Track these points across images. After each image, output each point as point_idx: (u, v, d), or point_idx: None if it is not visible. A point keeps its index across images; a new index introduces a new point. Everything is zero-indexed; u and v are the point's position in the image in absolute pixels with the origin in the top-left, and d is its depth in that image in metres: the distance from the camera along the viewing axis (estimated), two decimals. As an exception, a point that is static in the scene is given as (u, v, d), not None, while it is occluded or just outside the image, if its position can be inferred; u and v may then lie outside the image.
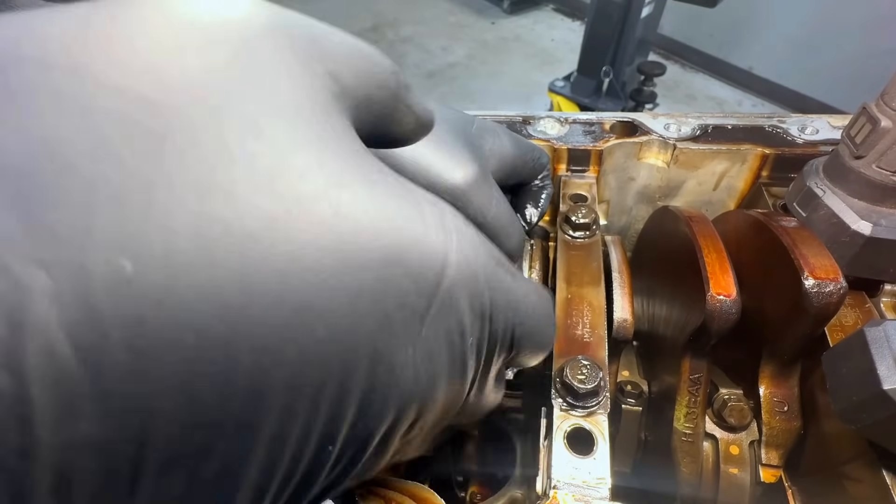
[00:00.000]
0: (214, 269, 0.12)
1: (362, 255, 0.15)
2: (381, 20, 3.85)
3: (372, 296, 0.15)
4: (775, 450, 0.39)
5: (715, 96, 3.05)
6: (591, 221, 0.48)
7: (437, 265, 0.17)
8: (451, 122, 0.37)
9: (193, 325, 0.12)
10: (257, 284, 0.13)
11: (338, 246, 0.14)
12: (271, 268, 0.13)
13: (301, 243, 0.14)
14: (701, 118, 0.56)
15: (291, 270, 0.13)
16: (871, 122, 0.36)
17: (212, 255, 0.12)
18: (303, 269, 0.14)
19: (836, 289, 0.34)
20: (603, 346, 0.39)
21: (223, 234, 0.13)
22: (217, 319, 0.12)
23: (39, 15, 0.13)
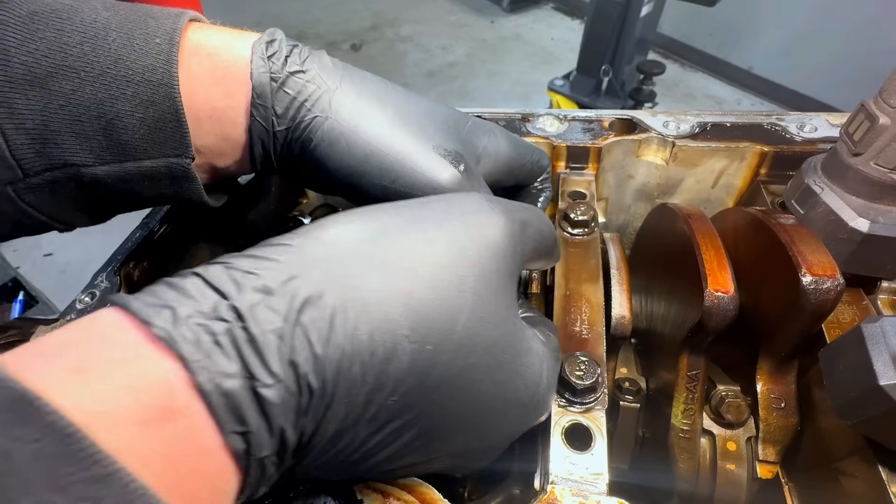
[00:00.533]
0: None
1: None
2: (381, 19, 3.85)
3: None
4: (772, 446, 0.39)
5: (714, 95, 3.05)
6: (589, 219, 0.48)
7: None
8: (445, 119, 0.37)
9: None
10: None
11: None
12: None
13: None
14: (700, 116, 0.56)
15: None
16: (870, 119, 0.36)
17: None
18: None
19: (833, 286, 0.34)
20: (601, 342, 0.39)
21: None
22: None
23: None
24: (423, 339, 0.23)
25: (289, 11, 3.83)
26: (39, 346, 0.19)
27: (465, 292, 0.25)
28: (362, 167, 0.33)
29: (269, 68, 0.32)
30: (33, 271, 1.93)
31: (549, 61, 3.32)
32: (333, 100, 0.33)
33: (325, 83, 0.33)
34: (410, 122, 0.35)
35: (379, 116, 0.34)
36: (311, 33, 3.65)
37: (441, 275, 0.24)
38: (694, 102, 3.00)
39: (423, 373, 0.23)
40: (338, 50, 3.47)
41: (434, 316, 0.23)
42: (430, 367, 0.23)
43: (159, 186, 0.33)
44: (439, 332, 0.23)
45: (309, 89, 0.33)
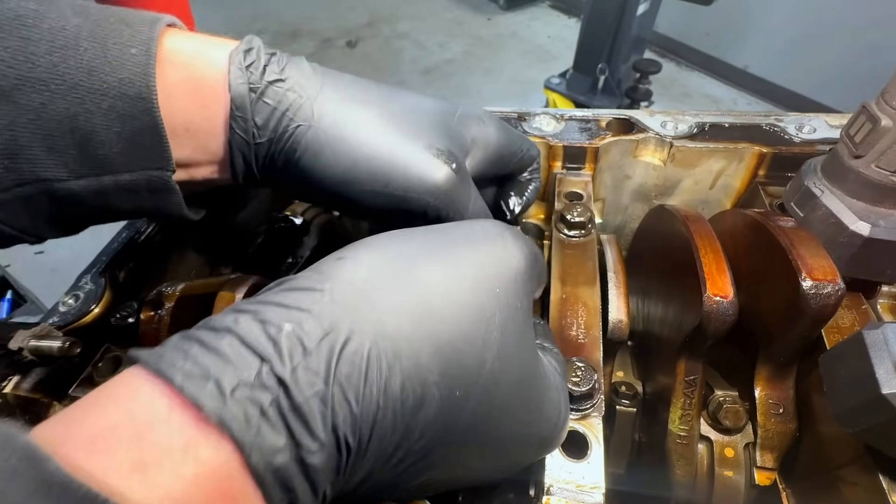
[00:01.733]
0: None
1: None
2: (377, 16, 3.82)
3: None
4: (770, 452, 0.38)
5: (710, 94, 3.05)
6: (586, 220, 0.47)
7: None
8: (432, 113, 0.36)
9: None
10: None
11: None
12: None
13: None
14: (698, 116, 0.55)
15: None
16: (872, 120, 0.35)
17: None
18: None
19: (833, 290, 0.33)
20: (598, 347, 0.38)
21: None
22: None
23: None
24: (452, 385, 0.23)
25: (284, 7, 3.79)
26: (90, 431, 0.18)
27: (492, 332, 0.24)
28: (351, 175, 0.32)
29: (247, 78, 0.31)
30: (23, 269, 1.90)
31: (546, 59, 3.31)
32: (315, 107, 0.32)
33: (305, 91, 0.32)
34: (397, 121, 0.34)
35: (364, 120, 0.33)
36: (306, 30, 3.62)
37: (469, 315, 0.24)
38: (690, 101, 3.00)
39: (450, 417, 0.23)
40: (333, 47, 3.44)
41: (462, 359, 0.23)
42: (458, 412, 0.23)
43: (138, 199, 0.32)
44: (468, 377, 0.23)
45: (289, 98, 0.32)
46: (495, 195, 0.45)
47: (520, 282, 0.27)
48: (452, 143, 0.35)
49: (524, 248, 0.29)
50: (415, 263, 0.25)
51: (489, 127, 0.39)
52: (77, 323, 0.43)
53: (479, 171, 0.39)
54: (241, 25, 3.63)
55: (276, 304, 0.22)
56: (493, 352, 0.24)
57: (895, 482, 0.30)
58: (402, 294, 0.23)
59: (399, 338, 0.22)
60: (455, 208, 0.34)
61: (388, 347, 0.22)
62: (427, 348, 0.22)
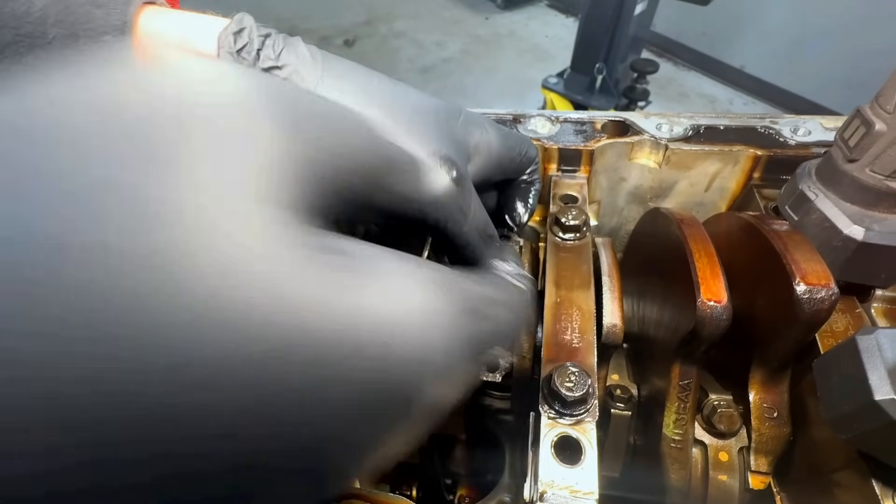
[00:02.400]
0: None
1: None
2: (375, 14, 3.81)
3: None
4: (764, 456, 0.38)
5: (707, 94, 3.05)
6: (581, 223, 0.47)
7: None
8: (437, 115, 0.35)
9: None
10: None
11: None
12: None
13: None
14: (693, 118, 0.55)
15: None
16: (866, 124, 0.35)
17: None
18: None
19: (827, 295, 0.33)
20: (592, 351, 0.38)
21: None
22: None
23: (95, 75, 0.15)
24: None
25: (281, 5, 3.78)
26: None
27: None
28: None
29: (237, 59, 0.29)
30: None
31: (544, 58, 3.31)
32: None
33: (305, 79, 0.30)
34: (401, 121, 0.32)
35: (367, 118, 0.32)
36: (303, 28, 3.61)
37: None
38: (687, 101, 3.01)
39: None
40: (331, 45, 3.43)
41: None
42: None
43: None
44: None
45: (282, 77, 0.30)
46: (497, 201, 0.45)
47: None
48: (455, 150, 0.34)
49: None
50: None
51: (490, 133, 0.38)
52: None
53: (481, 177, 0.38)
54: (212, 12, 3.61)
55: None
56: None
57: (888, 487, 0.30)
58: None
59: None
60: (454, 219, 0.33)
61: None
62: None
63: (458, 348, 0.18)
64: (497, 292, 0.23)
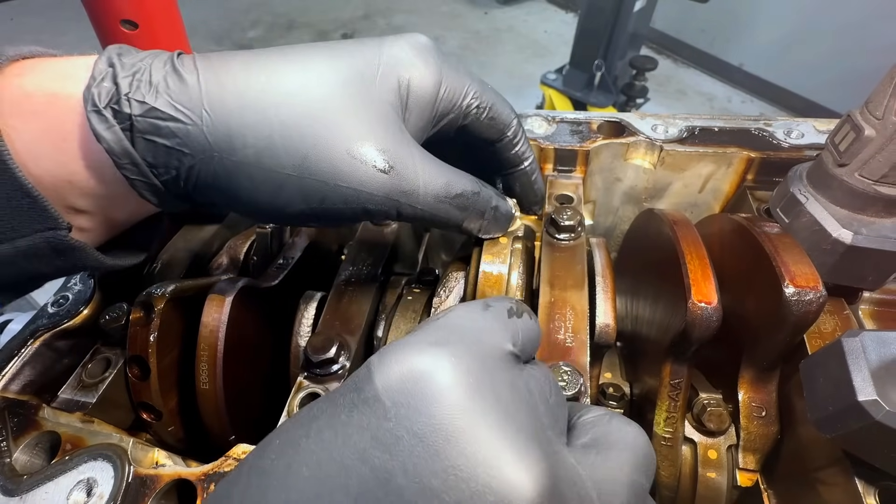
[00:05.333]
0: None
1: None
2: (373, 8, 3.79)
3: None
4: (752, 454, 0.39)
5: (705, 92, 3.05)
6: (576, 223, 0.48)
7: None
8: (348, 96, 0.30)
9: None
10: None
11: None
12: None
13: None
14: (688, 120, 0.56)
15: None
16: (855, 130, 0.36)
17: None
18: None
19: (815, 297, 0.34)
20: (585, 351, 0.39)
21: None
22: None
23: None
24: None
25: (279, -1, 3.76)
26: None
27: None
28: (281, 198, 0.29)
29: (113, 121, 0.26)
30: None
31: (543, 54, 3.30)
32: (208, 131, 0.27)
33: (189, 112, 0.27)
34: (311, 125, 0.29)
35: (273, 135, 0.28)
36: (301, 21, 3.59)
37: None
38: (685, 98, 3.01)
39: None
40: (329, 39, 3.41)
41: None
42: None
43: (50, 261, 0.29)
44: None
45: (172, 128, 0.27)
46: (495, 180, 0.43)
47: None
48: (377, 125, 0.30)
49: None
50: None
51: (422, 68, 0.33)
52: (66, 325, 0.43)
53: (426, 128, 0.34)
54: (235, 17, 3.59)
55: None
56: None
57: (870, 485, 0.31)
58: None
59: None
60: (402, 201, 0.31)
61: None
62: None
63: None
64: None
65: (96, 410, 0.42)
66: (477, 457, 0.18)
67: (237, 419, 0.44)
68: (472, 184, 0.36)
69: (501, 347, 0.24)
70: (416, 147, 0.32)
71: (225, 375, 0.42)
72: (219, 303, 0.42)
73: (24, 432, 0.36)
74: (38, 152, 0.27)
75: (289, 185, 0.29)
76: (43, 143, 0.27)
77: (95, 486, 0.32)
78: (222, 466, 0.33)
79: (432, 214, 0.33)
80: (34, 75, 0.27)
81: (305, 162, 0.29)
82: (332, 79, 0.30)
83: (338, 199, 0.30)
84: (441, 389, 0.19)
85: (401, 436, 0.19)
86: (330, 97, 0.29)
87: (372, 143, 0.30)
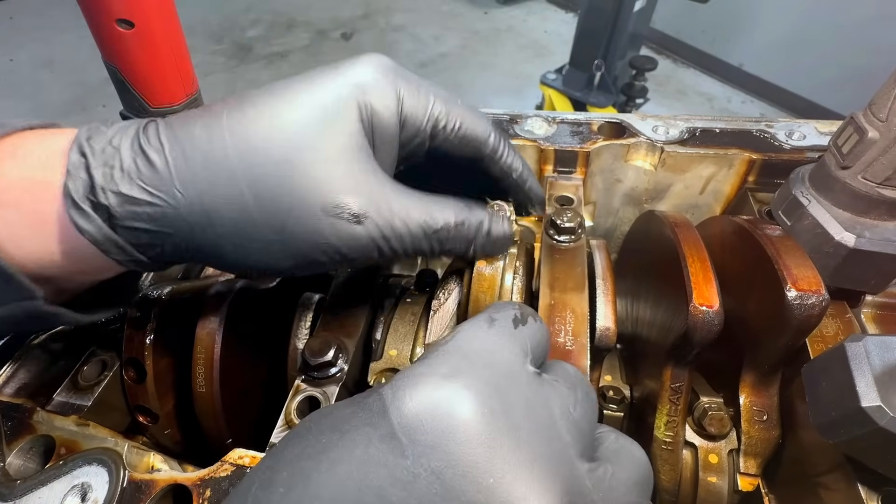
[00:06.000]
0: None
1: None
2: (373, 8, 3.78)
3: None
4: (754, 458, 0.39)
5: (705, 92, 3.05)
6: (576, 225, 0.47)
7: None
8: (313, 150, 0.29)
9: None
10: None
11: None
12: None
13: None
14: (689, 121, 0.55)
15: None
16: (859, 132, 0.35)
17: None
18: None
19: (818, 301, 0.33)
20: (585, 354, 0.39)
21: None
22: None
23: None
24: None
25: (278, -3, 3.75)
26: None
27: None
28: (261, 261, 0.31)
29: (93, 215, 0.27)
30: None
31: (543, 54, 3.30)
32: (185, 213, 0.28)
33: (161, 196, 0.28)
34: (278, 189, 0.29)
35: (243, 202, 0.28)
36: (301, 20, 3.58)
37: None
38: (685, 99, 3.01)
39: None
40: (328, 39, 3.40)
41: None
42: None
43: (29, 324, 0.30)
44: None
45: (150, 213, 0.28)
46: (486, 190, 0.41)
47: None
48: (348, 168, 0.30)
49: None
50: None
51: (376, 101, 0.32)
52: (62, 327, 0.42)
53: (399, 159, 0.34)
54: (235, 16, 3.58)
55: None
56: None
57: (872, 491, 0.31)
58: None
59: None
60: (381, 245, 0.31)
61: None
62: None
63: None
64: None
65: (92, 413, 0.42)
66: (493, 491, 0.19)
67: (234, 422, 0.44)
68: (457, 213, 0.34)
69: (514, 365, 0.24)
70: (389, 184, 0.32)
71: (222, 378, 0.42)
72: (216, 305, 0.42)
73: (18, 436, 0.36)
74: (20, 240, 0.28)
75: (273, 247, 0.30)
76: (23, 231, 0.28)
77: (90, 491, 0.31)
78: (218, 472, 0.32)
79: (415, 250, 0.33)
80: (15, 162, 0.28)
81: (285, 227, 0.29)
82: (297, 122, 0.29)
83: (319, 253, 0.30)
84: (457, 425, 0.20)
85: (419, 473, 0.19)
86: (298, 148, 0.29)
87: (344, 193, 0.30)
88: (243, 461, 0.33)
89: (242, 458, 0.33)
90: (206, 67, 3.10)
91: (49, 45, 3.14)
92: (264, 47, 3.26)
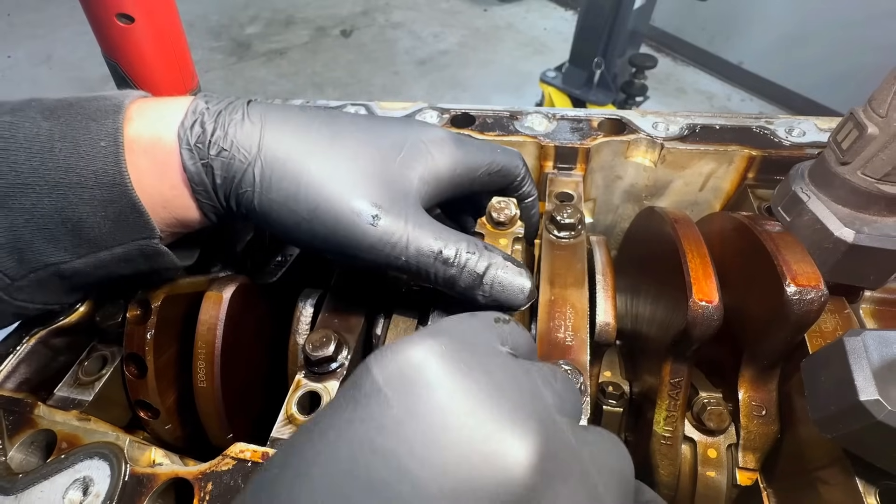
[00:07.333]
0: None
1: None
2: (373, 5, 3.77)
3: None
4: (752, 453, 0.39)
5: (705, 90, 3.05)
6: (576, 221, 0.47)
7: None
8: (374, 161, 0.36)
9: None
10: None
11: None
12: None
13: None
14: (689, 117, 0.56)
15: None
16: (858, 128, 0.35)
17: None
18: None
19: (817, 296, 0.34)
20: (585, 349, 0.39)
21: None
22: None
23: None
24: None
25: (277, -6, 3.73)
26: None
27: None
28: (300, 232, 0.35)
29: (198, 157, 0.34)
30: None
31: (542, 52, 3.29)
32: (256, 171, 0.34)
33: (245, 154, 0.35)
34: (334, 174, 0.35)
35: (303, 179, 0.35)
36: (300, 17, 3.57)
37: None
38: (685, 97, 3.01)
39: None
40: (328, 35, 3.39)
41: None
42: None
43: (135, 265, 0.36)
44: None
45: (234, 168, 0.34)
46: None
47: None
48: (387, 193, 0.36)
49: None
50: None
51: (438, 157, 0.39)
52: (62, 322, 0.42)
53: (438, 200, 0.40)
54: (234, 12, 3.57)
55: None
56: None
57: (870, 485, 0.31)
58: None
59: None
60: (388, 252, 0.35)
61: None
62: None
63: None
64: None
65: (93, 408, 0.42)
66: (476, 430, 0.19)
67: (235, 417, 0.44)
68: (469, 245, 0.36)
69: (492, 344, 0.25)
70: (413, 206, 0.37)
71: (223, 374, 0.42)
72: (216, 300, 0.42)
73: (20, 430, 0.36)
74: (144, 181, 0.34)
75: (303, 225, 0.35)
76: (148, 174, 0.34)
77: (91, 485, 0.31)
78: (220, 465, 0.32)
79: (417, 268, 0.36)
80: (141, 120, 0.34)
81: (316, 211, 0.35)
82: (360, 160, 0.36)
83: (336, 244, 0.35)
84: (438, 373, 0.20)
85: (404, 419, 0.19)
86: (351, 174, 0.35)
87: (367, 197, 0.35)
88: (244, 455, 0.33)
89: (244, 453, 0.33)
90: (205, 64, 3.09)
91: (47, 42, 3.12)
92: (263, 44, 3.25)
